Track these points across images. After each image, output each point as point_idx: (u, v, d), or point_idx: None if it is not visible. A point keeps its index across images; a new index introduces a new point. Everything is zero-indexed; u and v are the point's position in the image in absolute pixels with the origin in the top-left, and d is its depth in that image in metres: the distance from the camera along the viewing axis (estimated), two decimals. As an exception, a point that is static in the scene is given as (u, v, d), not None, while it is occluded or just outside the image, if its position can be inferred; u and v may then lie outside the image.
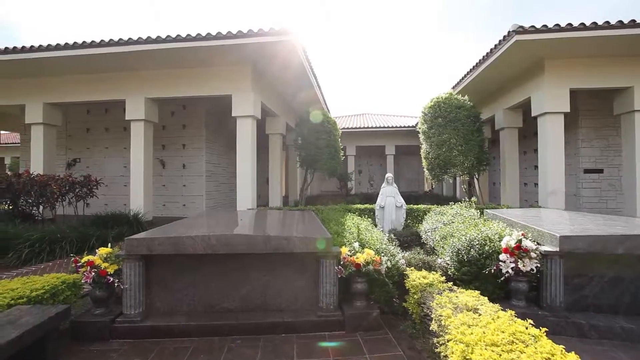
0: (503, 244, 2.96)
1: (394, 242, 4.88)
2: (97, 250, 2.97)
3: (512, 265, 2.82)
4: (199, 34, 6.48)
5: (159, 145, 10.06)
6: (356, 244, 3.17)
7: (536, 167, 11.73)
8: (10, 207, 6.51)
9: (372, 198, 15.52)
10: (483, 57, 7.83)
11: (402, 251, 4.45)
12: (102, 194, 9.92)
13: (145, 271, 2.90)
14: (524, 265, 2.78)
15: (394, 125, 16.35)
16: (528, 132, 11.39)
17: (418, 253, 3.85)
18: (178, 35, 6.52)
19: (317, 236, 2.95)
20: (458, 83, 9.79)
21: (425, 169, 9.43)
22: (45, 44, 6.94)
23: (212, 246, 2.80)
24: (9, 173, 19.38)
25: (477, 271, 3.14)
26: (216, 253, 2.84)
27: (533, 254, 2.83)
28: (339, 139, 10.36)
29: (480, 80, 8.91)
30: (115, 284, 2.79)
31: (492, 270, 2.94)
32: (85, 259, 2.84)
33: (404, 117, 20.60)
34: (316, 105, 11.06)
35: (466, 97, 8.89)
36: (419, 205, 7.91)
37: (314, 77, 8.78)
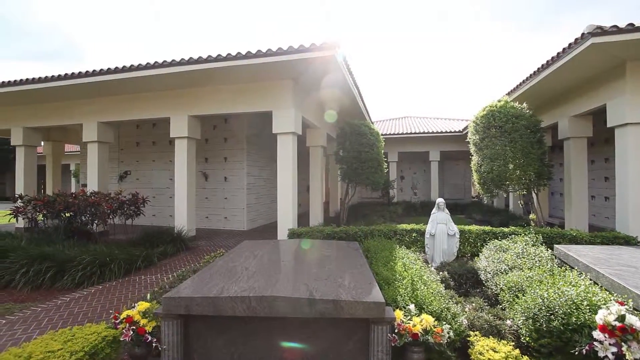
0: (599, 320, 2.41)
1: (448, 281, 4.40)
2: (135, 304, 2.86)
3: (614, 349, 2.27)
4: (239, 53, 6.38)
5: (202, 158, 10.27)
6: (412, 306, 2.78)
7: (607, 178, 10.40)
8: (68, 224, 6.86)
9: (415, 208, 14.82)
10: (547, 61, 6.95)
11: (459, 296, 3.97)
12: (151, 205, 10.33)
13: (184, 329, 2.75)
14: (630, 352, 2.23)
15: (439, 131, 15.45)
16: (597, 139, 10.12)
17: (481, 308, 3.35)
18: (219, 55, 6.47)
19: (367, 299, 2.60)
20: (515, 89, 8.87)
21: (476, 183, 8.66)
22: (97, 68, 7.25)
23: (252, 308, 2.57)
24: (76, 187, 20.96)
25: (560, 345, 2.61)
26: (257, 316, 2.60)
27: (642, 337, 2.26)
28: (382, 151, 9.87)
29: (541, 86, 7.99)
30: (153, 344, 2.65)
31: (584, 352, 2.40)
32: (124, 314, 2.74)
33: (449, 120, 19.46)
34: (358, 115, 10.67)
35: (524, 104, 8.00)
36: (471, 227, 7.22)
37: (356, 88, 8.40)
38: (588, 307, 2.62)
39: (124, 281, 5.46)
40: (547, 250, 4.39)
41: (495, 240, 5.47)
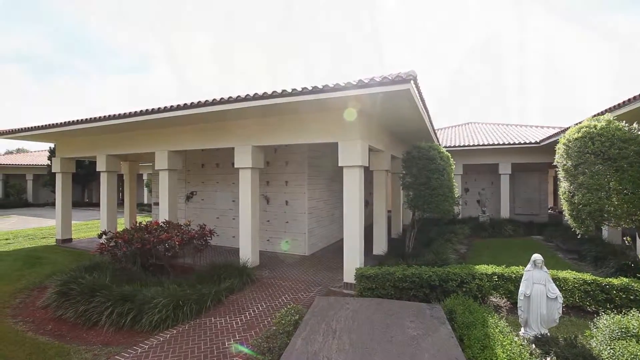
0: None
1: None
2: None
3: None
4: (304, 88, 6.13)
5: (263, 182, 10.31)
6: None
7: None
8: (144, 258, 7.23)
9: (484, 227, 13.51)
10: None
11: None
12: (214, 225, 10.67)
13: None
14: None
15: (511, 142, 13.93)
16: None
17: None
18: (284, 90, 6.28)
19: None
20: (620, 105, 7.51)
21: (566, 215, 7.48)
22: (168, 105, 7.49)
23: None
24: (148, 197, 22.74)
25: None
26: None
27: None
28: (453, 174, 9.07)
29: (660, 103, 6.63)
30: None
31: None
32: None
33: (521, 126, 17.59)
34: (425, 138, 9.98)
35: (635, 125, 6.72)
36: (566, 275, 6.26)
37: (426, 112, 7.73)
38: None
39: (195, 325, 5.52)
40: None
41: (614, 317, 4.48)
